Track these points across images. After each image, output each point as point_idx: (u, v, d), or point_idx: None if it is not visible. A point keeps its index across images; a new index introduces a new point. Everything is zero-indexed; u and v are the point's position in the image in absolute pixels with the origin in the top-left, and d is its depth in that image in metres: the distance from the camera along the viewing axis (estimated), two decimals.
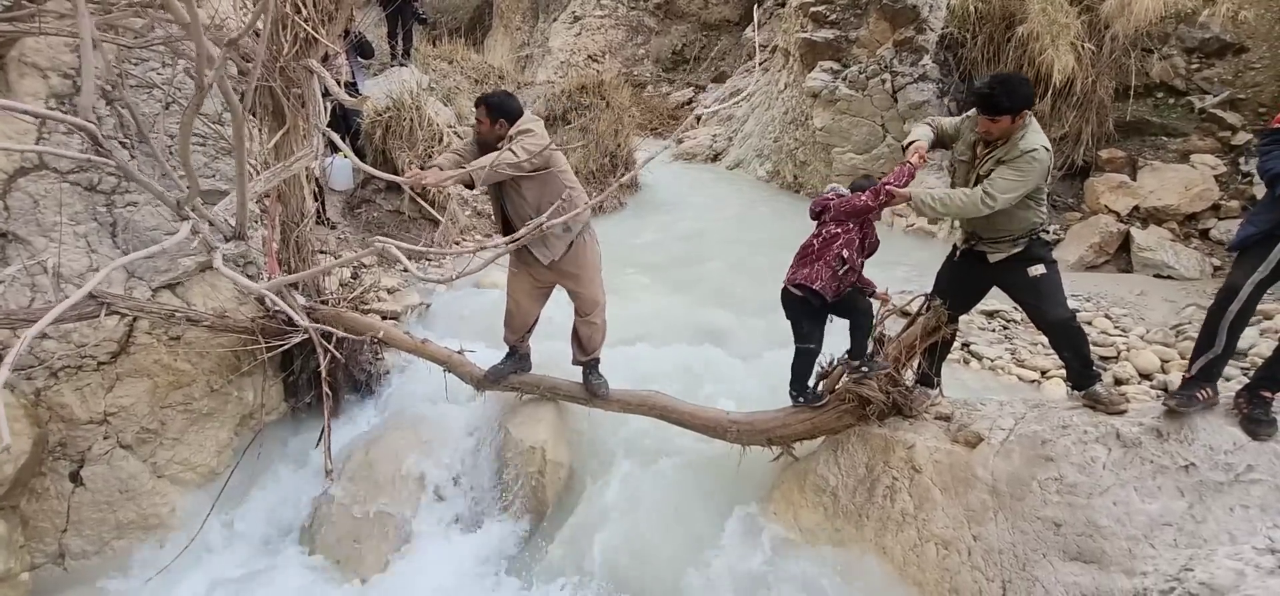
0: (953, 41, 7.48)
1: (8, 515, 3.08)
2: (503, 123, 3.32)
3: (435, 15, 15.18)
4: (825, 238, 3.15)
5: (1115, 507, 2.56)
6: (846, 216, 3.12)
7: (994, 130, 2.85)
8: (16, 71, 3.06)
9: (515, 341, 3.80)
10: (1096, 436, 2.71)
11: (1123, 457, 2.64)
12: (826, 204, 3.27)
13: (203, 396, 3.72)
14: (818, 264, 3.10)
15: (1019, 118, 2.82)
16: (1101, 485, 2.61)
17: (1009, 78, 3.01)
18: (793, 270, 3.25)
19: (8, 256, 3.06)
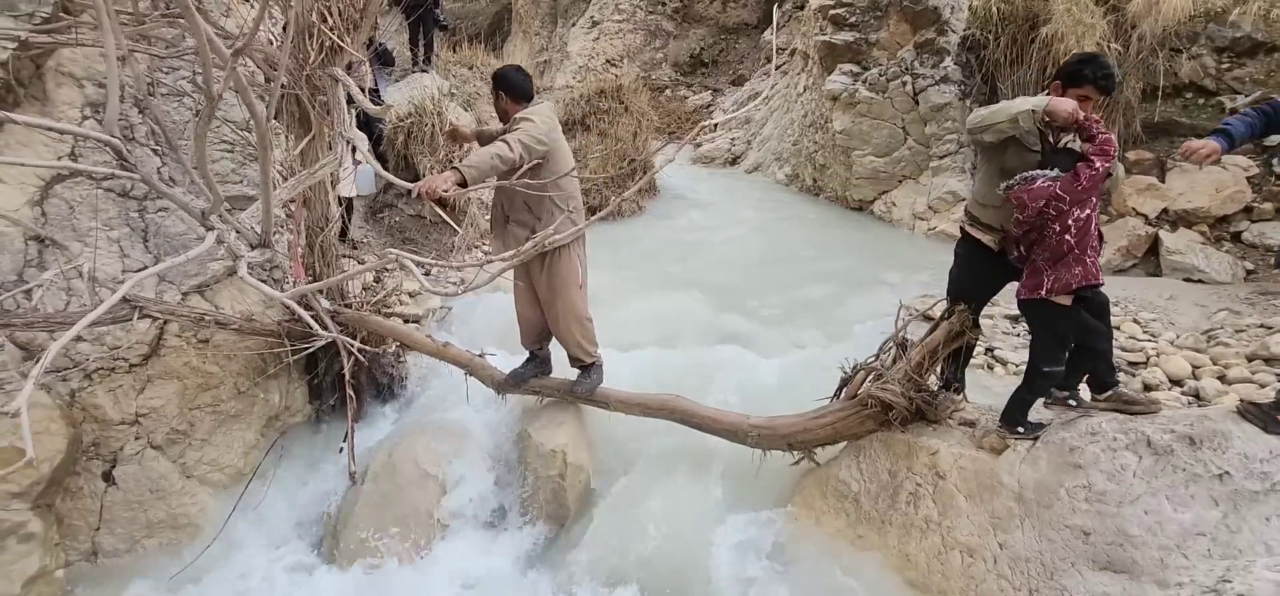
0: (975, 43, 7.39)
1: (43, 513, 3.15)
2: (503, 96, 3.34)
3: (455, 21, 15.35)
4: (1083, 221, 2.67)
5: (1146, 516, 2.51)
6: (1092, 190, 2.64)
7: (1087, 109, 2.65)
8: (54, 81, 3.14)
9: (532, 347, 3.81)
10: (1126, 444, 2.66)
11: (1154, 465, 2.58)
12: (1047, 192, 2.65)
13: (230, 398, 3.78)
14: (1091, 252, 2.68)
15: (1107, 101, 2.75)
16: (1132, 493, 2.56)
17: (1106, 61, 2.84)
18: (1059, 275, 2.70)
19: (45, 261, 3.14)
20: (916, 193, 7.63)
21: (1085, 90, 2.67)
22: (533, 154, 3.10)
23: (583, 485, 3.68)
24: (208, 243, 2.50)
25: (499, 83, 3.37)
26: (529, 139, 3.08)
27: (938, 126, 7.43)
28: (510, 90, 3.34)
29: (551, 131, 3.26)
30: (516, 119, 3.22)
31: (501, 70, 3.43)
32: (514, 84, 3.35)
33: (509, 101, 3.34)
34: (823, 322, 5.32)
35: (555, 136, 3.29)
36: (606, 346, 4.59)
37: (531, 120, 3.18)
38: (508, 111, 3.35)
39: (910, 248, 7.05)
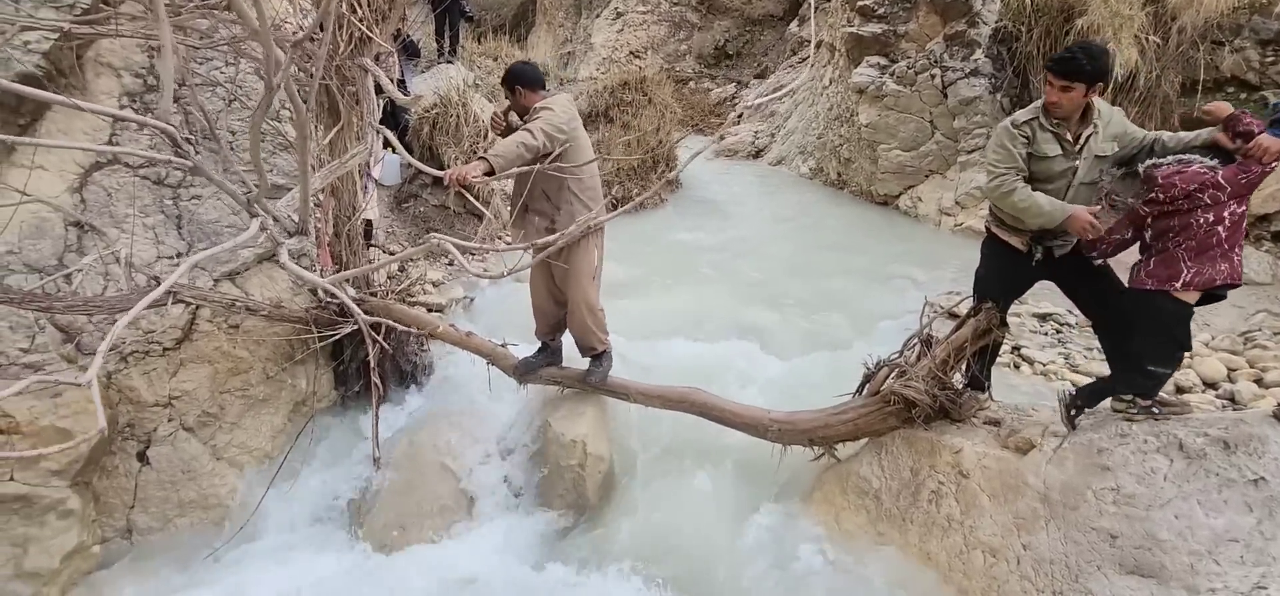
0: (1007, 35, 7.24)
1: (82, 491, 3.25)
2: (519, 90, 3.34)
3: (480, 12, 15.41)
4: (1238, 217, 2.54)
5: (1177, 521, 2.45)
6: (1254, 187, 2.55)
7: (1065, 99, 2.65)
8: (93, 71, 3.23)
9: (545, 337, 3.84)
10: (1157, 447, 2.60)
11: (1186, 469, 2.53)
12: (1205, 178, 2.52)
13: (259, 383, 3.86)
14: (1238, 251, 2.54)
15: (1093, 90, 2.66)
16: (1162, 497, 2.51)
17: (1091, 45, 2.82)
18: (1202, 268, 2.54)
19: (83, 246, 3.23)
20: (943, 188, 7.51)
21: (1060, 81, 2.65)
22: (555, 142, 3.13)
23: (602, 475, 3.70)
24: (252, 229, 2.56)
25: (513, 79, 3.38)
26: (551, 127, 3.12)
27: (966, 120, 7.30)
28: (525, 82, 3.36)
29: (571, 120, 3.29)
30: (536, 109, 3.24)
31: (511, 68, 3.45)
32: (527, 76, 3.38)
33: (526, 93, 3.35)
34: (845, 318, 5.28)
35: (575, 126, 3.32)
36: (628, 338, 4.62)
37: (551, 109, 3.21)
38: (526, 105, 3.36)
39: (936, 243, 6.95)
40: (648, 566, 3.23)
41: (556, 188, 3.24)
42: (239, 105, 3.62)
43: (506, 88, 3.42)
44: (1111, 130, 2.76)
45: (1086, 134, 2.75)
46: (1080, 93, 2.65)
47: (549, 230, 3.36)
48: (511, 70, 3.42)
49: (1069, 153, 2.77)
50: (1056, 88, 2.66)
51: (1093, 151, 2.75)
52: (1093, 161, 2.77)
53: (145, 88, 3.42)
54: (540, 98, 3.34)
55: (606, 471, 3.73)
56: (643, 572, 3.22)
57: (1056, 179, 2.80)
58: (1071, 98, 2.65)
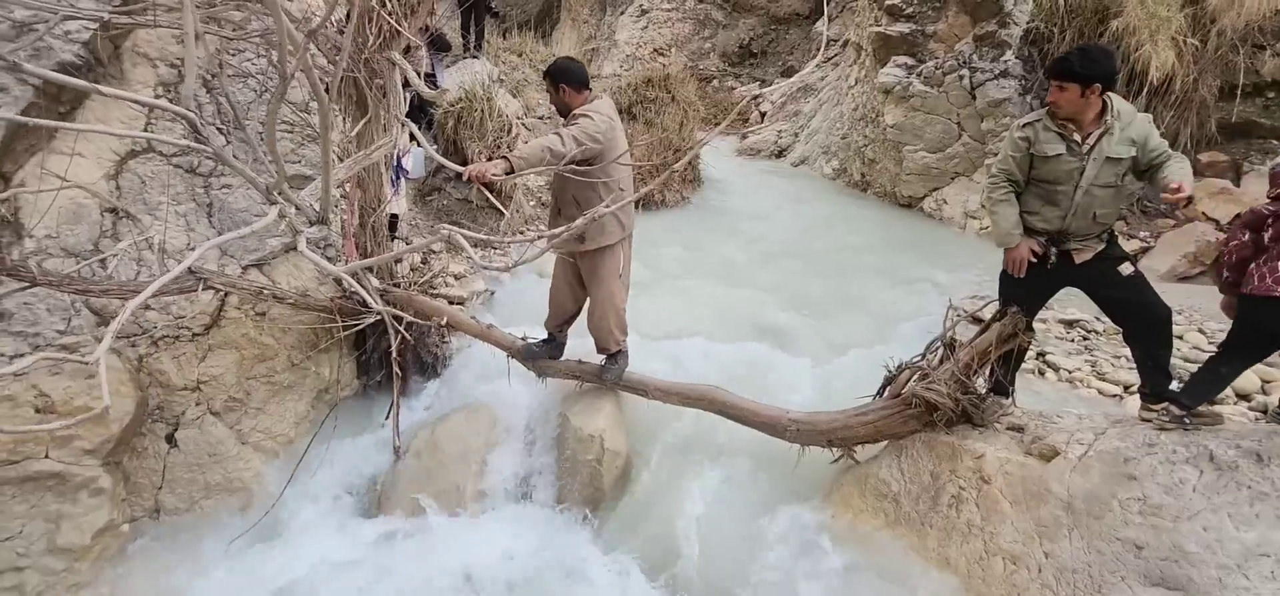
0: (1039, 36, 7.11)
1: (112, 470, 3.33)
2: (563, 87, 3.29)
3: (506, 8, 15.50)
4: None
5: (1206, 533, 2.40)
6: None
7: (1061, 99, 2.72)
8: (130, 61, 3.31)
9: (553, 329, 3.87)
10: (1187, 457, 2.55)
11: (1216, 481, 2.47)
12: None
13: (284, 370, 3.93)
14: None
15: (1091, 91, 2.67)
16: (1191, 509, 2.45)
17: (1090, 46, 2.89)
18: None
19: (118, 232, 3.31)
20: (969, 190, 7.41)
21: (1054, 81, 2.75)
22: (586, 150, 3.10)
23: (619, 470, 3.71)
24: (270, 217, 2.61)
25: (558, 75, 3.30)
26: (584, 137, 3.09)
27: (995, 123, 7.19)
28: (570, 80, 3.28)
29: (610, 130, 3.25)
30: (576, 114, 3.20)
31: (557, 63, 3.36)
32: (573, 74, 3.30)
33: (570, 92, 3.29)
34: (867, 320, 5.23)
35: (612, 135, 3.27)
36: (647, 335, 4.62)
37: (591, 118, 3.16)
38: (569, 103, 3.29)
39: (960, 247, 6.86)
40: (661, 563, 3.23)
41: (587, 193, 3.22)
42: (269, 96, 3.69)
43: (549, 82, 3.35)
44: (1130, 133, 2.73)
45: (1098, 134, 2.72)
46: (1076, 93, 2.69)
47: (576, 236, 3.36)
48: (557, 66, 3.34)
49: (1077, 152, 2.77)
50: (1054, 88, 2.75)
51: (1104, 153, 2.73)
52: (1104, 163, 2.74)
53: (179, 78, 3.50)
54: (584, 98, 3.30)
55: (623, 466, 3.74)
56: (656, 569, 3.23)
57: (1063, 179, 2.81)
58: (1067, 97, 2.70)
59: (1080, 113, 2.74)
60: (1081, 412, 3.15)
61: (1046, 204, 2.89)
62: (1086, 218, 2.81)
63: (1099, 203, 2.77)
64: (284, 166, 2.56)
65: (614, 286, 3.57)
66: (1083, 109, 2.72)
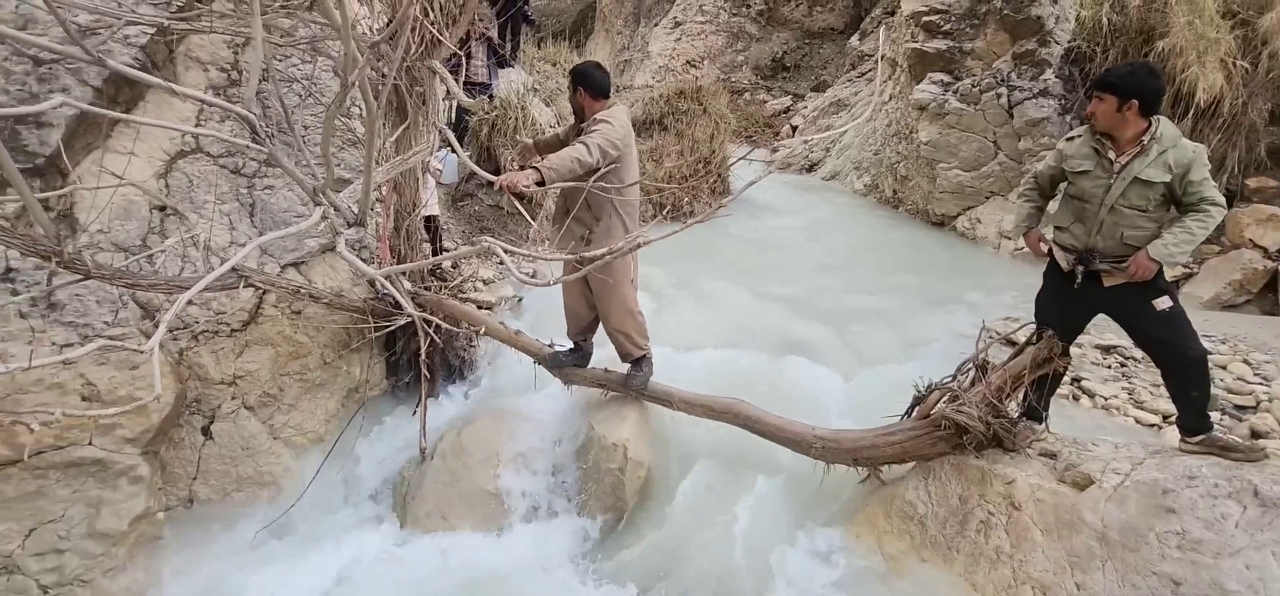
0: (1080, 56, 6.98)
1: (151, 459, 3.44)
2: (582, 91, 3.34)
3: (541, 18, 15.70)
4: None
5: (1248, 572, 2.31)
6: None
7: (1098, 110, 2.69)
8: (183, 64, 3.44)
9: (576, 338, 3.90)
10: (1229, 492, 2.46)
11: (1260, 517, 2.38)
12: None
13: (316, 368, 4.01)
14: None
15: (1127, 108, 2.61)
16: (1232, 545, 2.37)
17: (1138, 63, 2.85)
18: None
19: (165, 229, 3.43)
20: (1004, 210, 7.28)
21: (1094, 92, 2.74)
22: (608, 158, 3.15)
23: (642, 481, 3.71)
24: (314, 218, 2.68)
25: (579, 78, 3.38)
26: (606, 143, 3.14)
27: (1032, 142, 7.06)
28: (590, 86, 3.35)
29: (625, 137, 3.31)
30: (595, 120, 3.26)
31: (582, 66, 3.44)
32: (594, 81, 3.36)
33: (587, 97, 3.35)
34: (895, 338, 5.16)
35: (628, 142, 3.34)
36: (673, 346, 4.62)
37: (610, 124, 3.22)
38: (584, 108, 3.36)
39: (994, 267, 6.74)
40: (681, 578, 3.22)
41: (598, 200, 3.27)
42: (313, 101, 3.79)
43: (571, 84, 3.42)
44: (1169, 158, 2.64)
45: (1132, 155, 2.67)
46: (1112, 106, 2.64)
47: (584, 239, 3.39)
48: (581, 69, 3.41)
49: (1107, 169, 2.73)
50: (1094, 99, 2.72)
51: (1134, 173, 2.67)
52: (1132, 184, 2.68)
53: (229, 82, 3.62)
54: (602, 106, 3.35)
55: (646, 477, 3.74)
56: (676, 584, 3.21)
57: (1090, 196, 2.78)
58: (1103, 109, 2.67)
59: (1116, 128, 2.69)
60: (1118, 441, 3.07)
61: (1076, 219, 2.85)
62: (1113, 238, 2.74)
63: (1128, 223, 2.70)
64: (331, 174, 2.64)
65: (626, 291, 3.57)
66: (1119, 125, 2.67)
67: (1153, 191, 2.66)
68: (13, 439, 2.89)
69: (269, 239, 2.71)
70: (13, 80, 3.03)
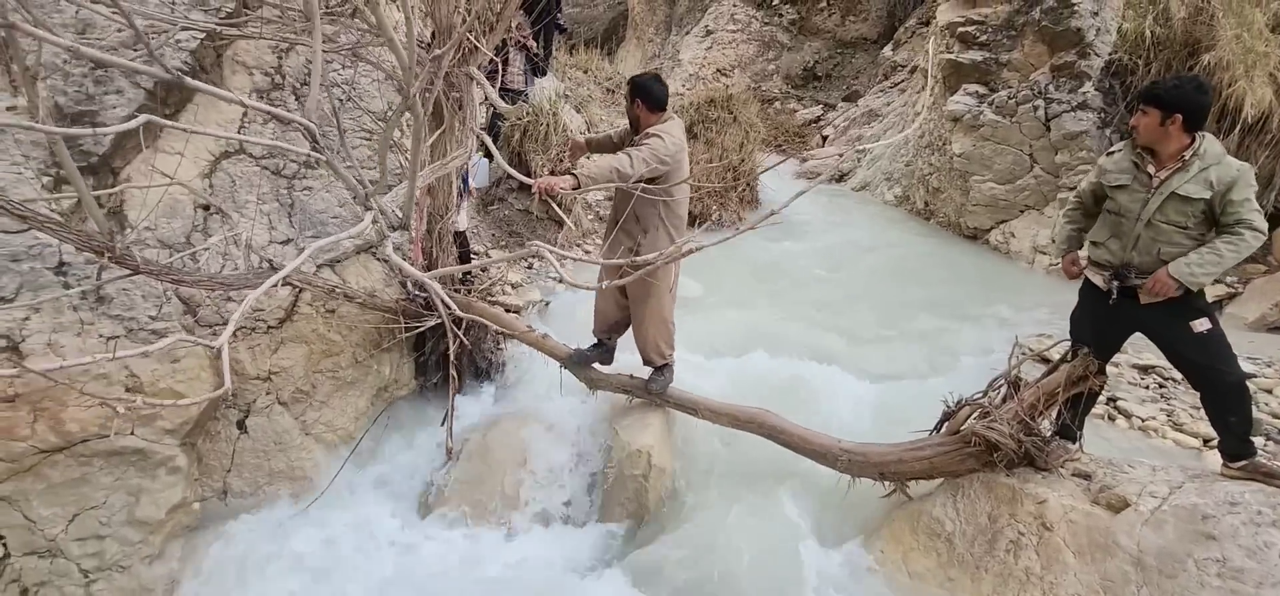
0: (1121, 68, 6.82)
1: (188, 451, 3.53)
2: (639, 103, 3.34)
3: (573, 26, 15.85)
4: None
5: None
6: None
7: (1140, 124, 2.64)
8: (229, 68, 3.55)
9: (601, 336, 3.92)
10: (1273, 520, 2.38)
11: None
12: None
13: (348, 366, 4.09)
14: None
15: (1171, 122, 2.55)
16: (1275, 576, 2.29)
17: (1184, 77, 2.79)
18: None
19: (208, 227, 3.54)
20: (1039, 224, 7.13)
21: (1139, 106, 2.69)
22: (652, 171, 3.16)
23: (665, 488, 3.71)
24: (366, 221, 2.76)
25: (637, 90, 3.36)
26: (653, 158, 3.15)
27: (1070, 156, 6.92)
28: (648, 99, 3.33)
29: (677, 153, 3.31)
30: (649, 133, 3.26)
31: (641, 78, 3.42)
32: (653, 93, 3.34)
33: (644, 109, 3.34)
34: (924, 352, 5.09)
35: (680, 157, 3.35)
36: (698, 353, 4.62)
37: (661, 139, 3.22)
38: (640, 119, 3.36)
39: (1028, 282, 6.60)
40: (702, 583, 3.21)
41: (647, 210, 3.29)
42: (352, 104, 3.89)
43: (629, 95, 3.41)
44: (1211, 175, 2.57)
45: (1172, 170, 2.60)
46: (1155, 120, 2.59)
47: (631, 251, 3.42)
48: (640, 82, 3.39)
49: (1145, 184, 2.68)
50: (1137, 112, 2.68)
51: (1171, 188, 2.60)
52: (1169, 199, 2.61)
53: (272, 85, 3.74)
54: (657, 119, 3.35)
55: (669, 484, 3.74)
56: (697, 589, 3.20)
57: (1127, 211, 2.73)
58: (1146, 123, 2.62)
59: (1159, 142, 2.63)
60: (1155, 464, 2.99)
61: (1112, 235, 2.81)
62: (1149, 254, 2.68)
63: (1165, 240, 2.64)
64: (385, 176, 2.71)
65: (664, 299, 3.61)
66: (1161, 138, 2.61)
67: (1192, 208, 2.59)
68: (60, 427, 3.01)
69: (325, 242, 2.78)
70: (71, 81, 3.17)
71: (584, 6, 18.54)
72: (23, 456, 2.94)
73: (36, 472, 3.00)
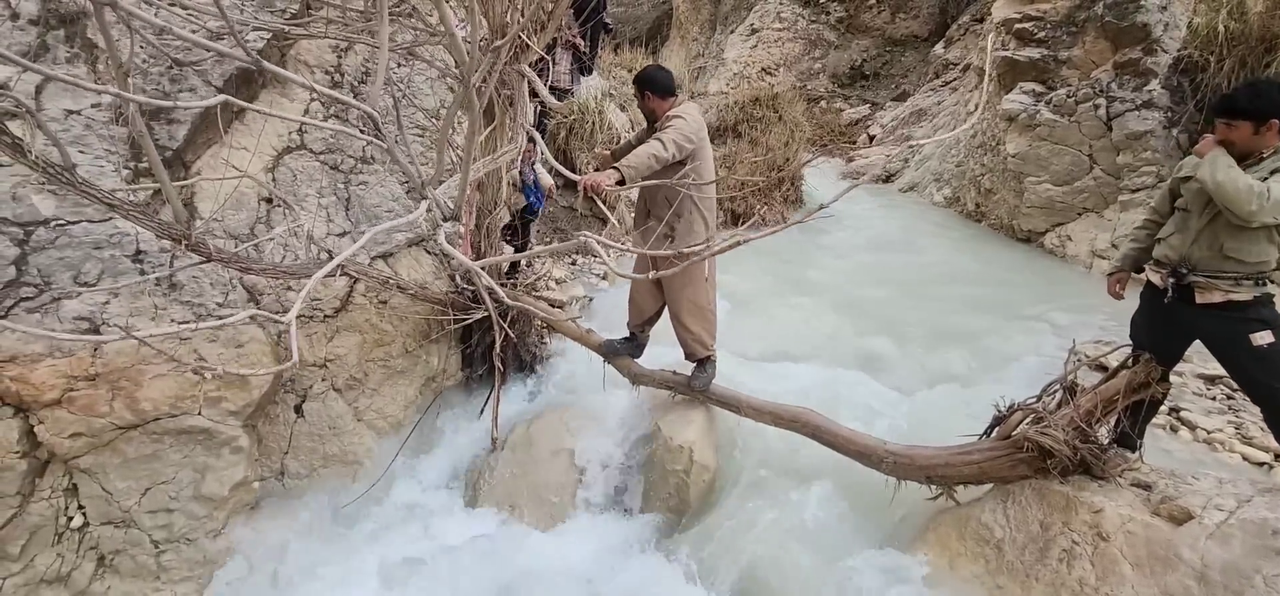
0: (1190, 65, 6.50)
1: (250, 432, 3.70)
2: (649, 96, 3.41)
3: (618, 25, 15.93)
4: None
5: None
6: None
7: (1233, 137, 2.51)
8: (293, 67, 3.71)
9: (634, 328, 3.95)
10: None
11: None
12: None
13: (398, 356, 4.21)
14: None
15: (1267, 128, 2.44)
16: None
17: (1259, 81, 2.66)
18: None
19: (271, 219, 3.70)
20: (1098, 227, 6.87)
21: (1222, 120, 2.57)
22: (684, 152, 3.21)
23: (706, 484, 3.72)
24: (421, 210, 2.86)
25: (644, 83, 3.45)
26: (680, 138, 3.20)
27: (1133, 156, 6.64)
28: (655, 88, 3.42)
29: (699, 131, 3.36)
30: (668, 116, 3.32)
31: (643, 72, 3.51)
32: (658, 82, 3.43)
33: (655, 99, 3.42)
34: (974, 356, 4.97)
35: (702, 136, 3.39)
36: (741, 353, 4.61)
37: (682, 119, 3.28)
38: (655, 110, 3.42)
39: (1085, 287, 6.37)
40: (739, 585, 3.20)
41: (676, 193, 3.33)
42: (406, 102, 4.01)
43: (637, 90, 3.50)
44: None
45: (1248, 166, 2.49)
46: (1248, 131, 2.48)
47: (667, 237, 3.44)
48: (644, 74, 3.48)
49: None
50: (1221, 126, 2.56)
51: None
52: None
53: (332, 83, 3.88)
54: (670, 105, 3.41)
55: (711, 481, 3.75)
56: (738, 587, 3.20)
57: (1194, 204, 2.65)
58: (1239, 135, 2.50)
59: (1255, 151, 2.52)
60: (1222, 477, 2.86)
61: (1177, 230, 2.73)
62: (1211, 248, 2.58)
63: (1229, 235, 2.53)
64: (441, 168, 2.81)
65: (701, 289, 3.60)
66: (1259, 146, 2.51)
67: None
68: (135, 405, 3.19)
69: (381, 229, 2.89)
70: (149, 80, 3.36)
71: (629, 6, 18.61)
72: (102, 431, 3.13)
73: (114, 447, 3.19)
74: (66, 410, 3.06)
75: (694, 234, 3.42)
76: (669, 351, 4.01)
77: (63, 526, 3.18)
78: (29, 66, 1.86)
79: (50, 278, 3.06)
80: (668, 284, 3.64)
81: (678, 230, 3.43)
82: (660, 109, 3.41)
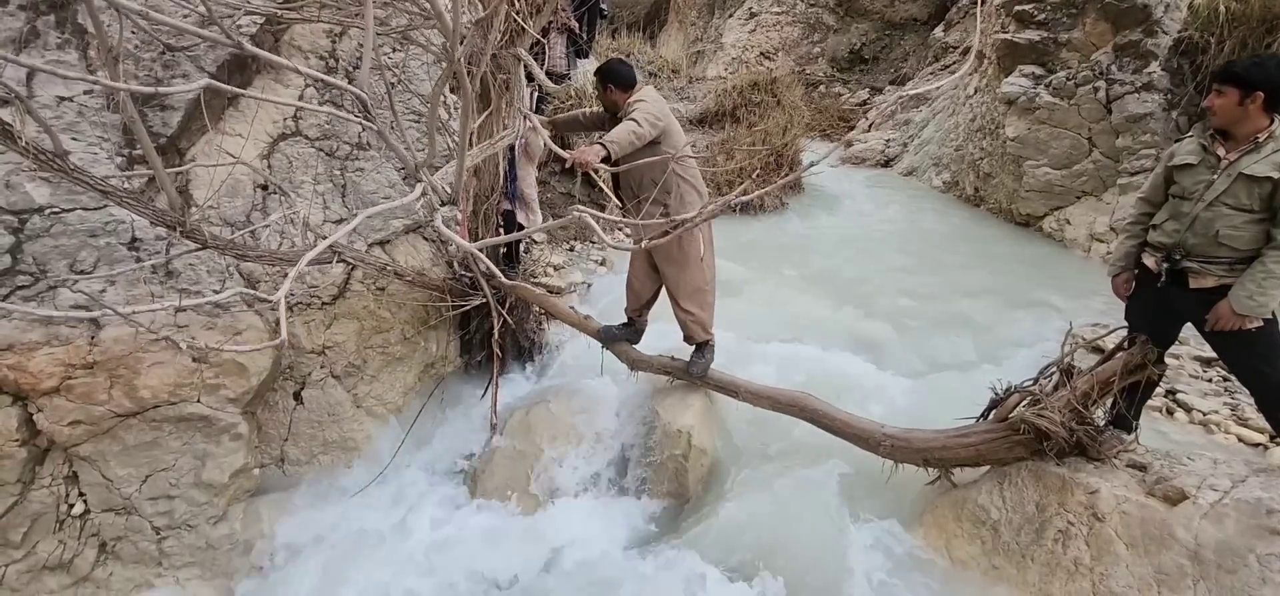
0: (1191, 47, 6.46)
1: (249, 419, 3.70)
2: (612, 88, 3.48)
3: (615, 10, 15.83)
4: None
5: None
6: None
7: (1217, 104, 2.50)
8: (285, 53, 3.68)
9: (632, 314, 3.96)
10: None
11: None
12: None
13: (397, 343, 4.22)
14: None
15: (1251, 100, 2.43)
16: None
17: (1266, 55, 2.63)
18: None
19: (267, 206, 3.69)
20: (1097, 211, 6.86)
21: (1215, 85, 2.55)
22: (656, 128, 3.29)
23: (705, 469, 3.73)
24: (416, 193, 2.86)
25: (607, 76, 3.53)
26: (650, 117, 3.28)
27: (1132, 139, 6.62)
28: (619, 81, 3.50)
29: (663, 109, 3.43)
30: (631, 103, 3.38)
31: (605, 65, 3.59)
32: (622, 75, 3.52)
33: (617, 91, 3.50)
34: (972, 340, 4.98)
35: (667, 113, 3.45)
36: (740, 337, 4.62)
37: (645, 101, 3.35)
38: (617, 102, 3.50)
39: (1083, 271, 6.37)
40: (741, 571, 3.22)
41: (659, 171, 3.37)
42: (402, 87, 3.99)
43: (599, 85, 3.58)
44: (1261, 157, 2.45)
45: (1243, 151, 2.47)
46: (1233, 99, 2.46)
47: (665, 215, 3.45)
48: (607, 68, 3.56)
49: (1212, 166, 2.56)
50: (1212, 92, 2.55)
51: (1240, 169, 2.47)
52: (1237, 180, 2.48)
53: (326, 69, 3.86)
54: (630, 96, 3.47)
55: (709, 465, 3.76)
56: (735, 576, 3.21)
57: (1190, 192, 2.61)
58: (1223, 103, 2.49)
59: (1236, 123, 2.50)
60: (1217, 457, 2.88)
61: (1172, 217, 2.71)
62: (1206, 235, 2.57)
63: (1225, 223, 2.52)
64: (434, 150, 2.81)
65: (697, 269, 3.62)
66: (1240, 120, 2.48)
67: (1259, 189, 2.46)
68: (134, 393, 3.19)
69: (376, 211, 2.89)
70: (142, 67, 3.33)
71: None
72: (101, 419, 3.13)
73: (113, 435, 3.19)
74: (65, 398, 3.06)
75: (687, 207, 3.44)
76: (669, 329, 4.01)
77: (64, 513, 3.19)
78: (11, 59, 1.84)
79: (46, 265, 3.06)
80: (664, 267, 3.65)
81: (671, 206, 3.45)
82: (622, 101, 3.48)
